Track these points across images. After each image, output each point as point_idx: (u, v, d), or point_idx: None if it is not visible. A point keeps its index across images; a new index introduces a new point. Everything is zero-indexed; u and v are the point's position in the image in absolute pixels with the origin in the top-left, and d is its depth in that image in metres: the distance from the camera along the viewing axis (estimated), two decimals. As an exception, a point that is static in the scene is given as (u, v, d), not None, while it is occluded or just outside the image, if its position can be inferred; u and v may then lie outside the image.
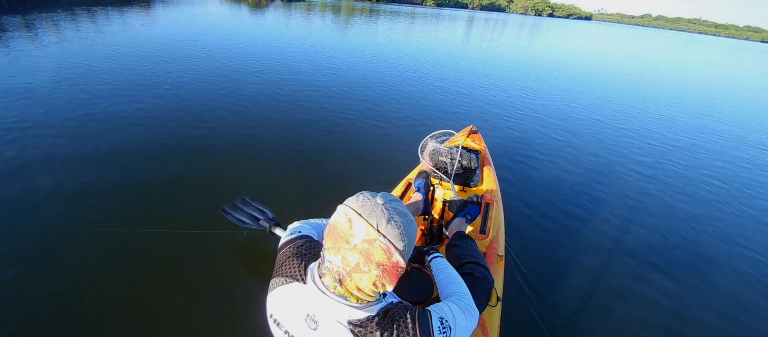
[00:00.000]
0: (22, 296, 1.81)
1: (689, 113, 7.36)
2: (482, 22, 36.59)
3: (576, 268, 2.42)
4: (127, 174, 2.89)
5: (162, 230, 2.30)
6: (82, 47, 6.99)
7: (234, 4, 24.75)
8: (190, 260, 2.12)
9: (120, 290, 1.88)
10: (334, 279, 0.68)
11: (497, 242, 1.87)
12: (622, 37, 40.84)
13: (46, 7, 12.46)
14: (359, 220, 0.64)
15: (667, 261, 2.64)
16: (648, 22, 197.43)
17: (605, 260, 2.55)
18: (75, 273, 1.96)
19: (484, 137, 2.98)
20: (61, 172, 2.82)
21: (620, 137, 5.27)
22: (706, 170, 4.41)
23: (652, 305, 2.20)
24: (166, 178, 2.92)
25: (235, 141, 3.69)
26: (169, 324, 1.74)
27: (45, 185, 2.64)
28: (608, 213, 3.16)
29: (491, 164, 2.51)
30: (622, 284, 2.34)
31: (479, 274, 1.24)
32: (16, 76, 4.84)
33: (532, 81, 8.76)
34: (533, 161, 4.02)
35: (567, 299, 2.15)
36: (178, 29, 10.77)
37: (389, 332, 0.69)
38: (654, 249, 2.75)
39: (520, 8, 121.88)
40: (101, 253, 2.10)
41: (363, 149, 3.86)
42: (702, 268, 2.62)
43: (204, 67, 6.45)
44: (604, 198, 3.41)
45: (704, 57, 26.63)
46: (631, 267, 2.52)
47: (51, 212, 2.38)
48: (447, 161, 2.11)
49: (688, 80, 12.56)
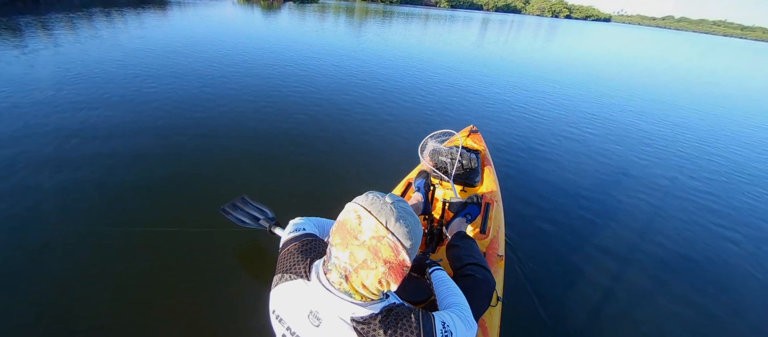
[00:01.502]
0: (23, 295, 1.82)
1: (702, 116, 7.16)
2: (496, 24, 36.14)
3: (576, 268, 2.42)
4: (129, 174, 2.92)
5: (163, 228, 2.31)
6: (82, 49, 7.07)
7: (247, 5, 25.07)
8: (189, 259, 2.13)
9: (119, 289, 1.89)
10: (340, 275, 0.69)
11: (497, 242, 1.88)
12: (640, 39, 39.74)
13: (59, 7, 12.94)
14: (369, 217, 0.65)
15: (668, 261, 2.62)
16: (670, 24, 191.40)
17: (605, 260, 2.54)
18: (76, 272, 1.97)
19: (484, 137, 2.99)
20: (63, 171, 2.85)
21: (621, 137, 5.21)
22: (707, 171, 4.34)
23: (652, 306, 2.18)
24: (165, 177, 2.94)
25: (236, 141, 3.72)
26: (169, 322, 1.76)
27: (46, 185, 2.66)
28: (609, 213, 3.14)
29: (491, 164, 2.52)
30: (623, 284, 2.33)
31: (480, 275, 1.23)
32: (9, 81, 4.78)
33: (532, 81, 8.70)
34: (533, 161, 4.01)
35: (567, 299, 2.15)
36: (186, 31, 10.93)
37: (393, 329, 0.70)
38: (655, 250, 2.73)
39: (537, 10, 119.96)
40: (101, 252, 2.12)
41: (363, 149, 3.87)
42: (703, 269, 2.59)
43: (204, 68, 6.54)
44: (605, 198, 3.38)
45: (728, 60, 25.65)
46: (631, 267, 2.50)
47: (52, 211, 2.40)
48: (447, 161, 2.13)
49: (702, 83, 12.15)
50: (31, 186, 2.65)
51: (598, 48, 20.95)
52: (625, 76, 11.36)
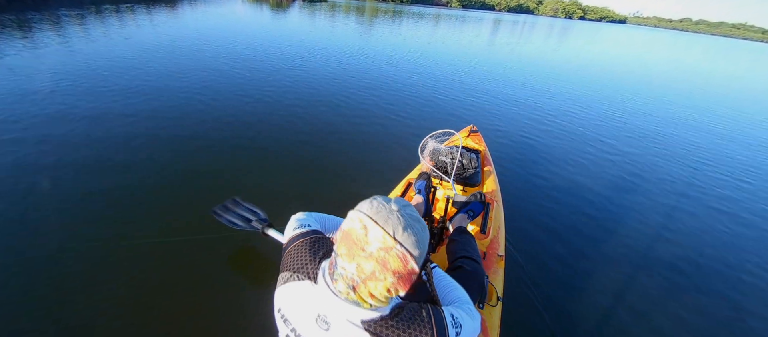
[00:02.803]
0: (20, 307, 1.78)
1: (712, 118, 7.00)
2: (507, 25, 35.79)
3: (576, 268, 2.41)
4: (121, 180, 2.81)
5: (157, 239, 2.24)
6: (75, 51, 6.71)
7: (256, 4, 25.06)
8: (181, 265, 2.08)
9: (113, 300, 1.85)
10: (348, 286, 0.67)
11: (497, 242, 1.89)
12: (651, 41, 38.92)
13: (71, 4, 13.01)
14: (375, 227, 0.63)
15: (670, 262, 2.60)
16: (687, 27, 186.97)
17: (606, 260, 2.53)
18: (71, 285, 1.91)
19: (484, 137, 2.99)
20: (59, 179, 2.74)
21: (622, 138, 5.16)
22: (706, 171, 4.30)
23: (652, 306, 2.17)
24: (158, 182, 2.84)
25: (231, 142, 3.64)
26: (166, 331, 1.74)
27: (39, 193, 2.56)
28: (609, 214, 3.13)
29: (491, 164, 2.52)
30: (623, 285, 2.32)
31: (470, 267, 1.27)
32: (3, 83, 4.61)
33: (532, 81, 8.62)
34: (533, 161, 3.99)
35: (567, 299, 2.15)
36: (184, 32, 10.64)
37: (406, 326, 0.69)
38: (656, 251, 2.71)
39: (550, 10, 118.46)
40: (98, 263, 2.06)
41: (362, 149, 3.84)
42: (703, 271, 2.56)
43: (204, 68, 6.38)
44: (605, 198, 3.37)
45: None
46: (632, 268, 2.49)
47: (48, 221, 2.33)
48: (447, 161, 2.14)
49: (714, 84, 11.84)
50: (25, 193, 2.55)
51: (604, 49, 20.58)
52: (630, 78, 11.16)
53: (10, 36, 7.34)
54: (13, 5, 11.70)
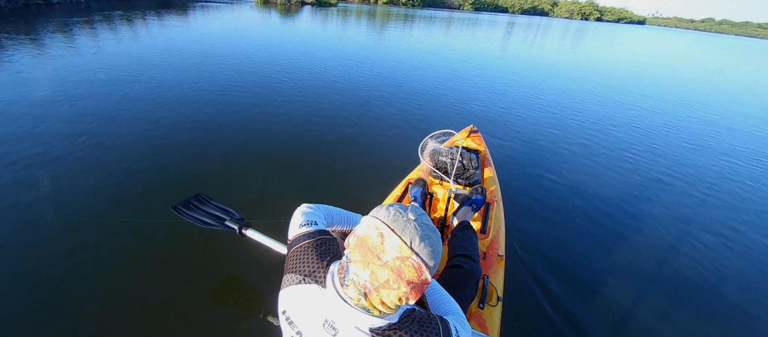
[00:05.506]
0: (12, 289, 1.82)
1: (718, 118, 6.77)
2: (521, 27, 35.33)
3: (576, 268, 2.40)
4: (111, 169, 2.90)
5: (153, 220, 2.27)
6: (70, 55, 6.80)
7: (264, 9, 25.33)
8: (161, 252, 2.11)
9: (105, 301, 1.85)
10: (359, 292, 0.67)
11: (497, 242, 1.90)
12: (666, 41, 37.81)
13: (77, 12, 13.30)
14: (392, 236, 0.63)
15: (671, 262, 2.57)
16: (710, 27, 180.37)
17: (606, 261, 2.52)
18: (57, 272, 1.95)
19: (484, 137, 3.00)
20: (55, 169, 2.83)
21: (622, 138, 5.08)
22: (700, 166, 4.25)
23: (653, 307, 2.16)
24: (159, 182, 2.87)
25: (228, 141, 3.66)
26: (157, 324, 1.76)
27: (34, 182, 2.64)
28: (609, 214, 3.09)
29: (491, 164, 2.53)
30: (623, 285, 2.31)
31: (467, 266, 1.31)
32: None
33: (533, 81, 8.54)
34: (533, 161, 3.98)
35: (567, 299, 2.14)
36: (186, 32, 10.97)
37: (413, 334, 0.69)
38: (658, 252, 2.68)
39: (565, 12, 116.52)
40: (81, 246, 2.11)
41: (362, 149, 3.84)
42: (704, 272, 2.52)
43: (204, 68, 6.49)
44: (605, 199, 3.33)
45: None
46: (632, 268, 2.47)
47: (45, 206, 2.38)
48: (447, 161, 2.16)
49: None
50: (22, 185, 2.63)
51: (612, 51, 20.05)
52: (637, 79, 10.85)
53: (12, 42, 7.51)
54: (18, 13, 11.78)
